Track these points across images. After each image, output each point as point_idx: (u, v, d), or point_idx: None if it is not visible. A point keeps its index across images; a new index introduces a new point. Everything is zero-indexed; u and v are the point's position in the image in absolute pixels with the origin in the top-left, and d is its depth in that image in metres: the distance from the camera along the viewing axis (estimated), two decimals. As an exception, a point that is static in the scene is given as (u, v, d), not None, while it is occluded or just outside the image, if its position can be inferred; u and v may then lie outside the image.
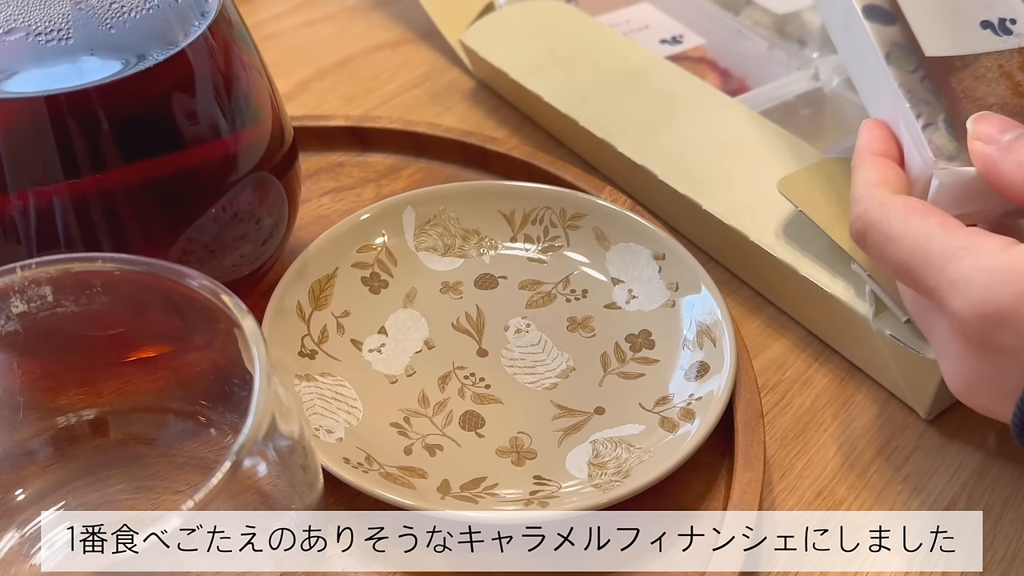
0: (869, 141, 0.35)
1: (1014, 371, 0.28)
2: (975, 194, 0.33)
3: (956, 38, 0.36)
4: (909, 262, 0.30)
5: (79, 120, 0.32)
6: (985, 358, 0.29)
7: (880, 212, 0.32)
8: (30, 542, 0.31)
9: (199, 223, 0.35)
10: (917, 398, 0.39)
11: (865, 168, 0.34)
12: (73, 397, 0.33)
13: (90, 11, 0.32)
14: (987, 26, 0.36)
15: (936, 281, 0.29)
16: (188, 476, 0.33)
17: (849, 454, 0.38)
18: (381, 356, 0.40)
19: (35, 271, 0.28)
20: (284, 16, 0.64)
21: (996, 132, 0.32)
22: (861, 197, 0.33)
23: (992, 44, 0.36)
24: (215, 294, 0.27)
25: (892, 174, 0.34)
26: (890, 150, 0.35)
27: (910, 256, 0.30)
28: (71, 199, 0.33)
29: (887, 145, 0.35)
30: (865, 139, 0.36)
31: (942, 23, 0.36)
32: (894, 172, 0.34)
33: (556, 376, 0.39)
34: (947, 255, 0.29)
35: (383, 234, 0.43)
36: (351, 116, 0.52)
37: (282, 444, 0.25)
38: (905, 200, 0.32)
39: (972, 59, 0.35)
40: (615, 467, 0.35)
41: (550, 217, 0.44)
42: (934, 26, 0.36)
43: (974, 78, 0.35)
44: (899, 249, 0.31)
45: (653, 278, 0.42)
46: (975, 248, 0.29)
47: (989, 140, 0.32)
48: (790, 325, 0.43)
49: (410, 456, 0.36)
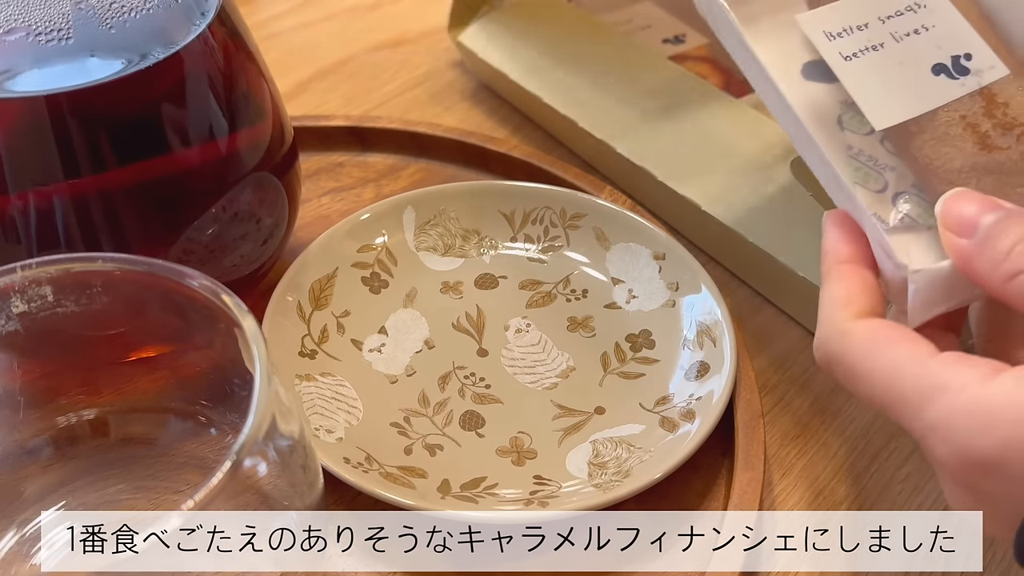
0: (834, 245, 0.32)
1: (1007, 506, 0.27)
2: (956, 287, 0.30)
3: (906, 96, 0.31)
4: (883, 401, 0.28)
5: (79, 120, 0.32)
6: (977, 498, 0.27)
7: (843, 344, 0.29)
8: (30, 542, 0.31)
9: (199, 223, 0.35)
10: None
11: (828, 282, 0.31)
12: (73, 397, 0.33)
13: (90, 11, 0.32)
14: (940, 70, 0.32)
15: (914, 424, 0.27)
16: (188, 476, 0.33)
17: (849, 454, 0.38)
18: (381, 356, 0.40)
19: (35, 271, 0.28)
20: (284, 16, 0.64)
21: (969, 220, 0.29)
22: (823, 321, 0.30)
23: (948, 92, 0.31)
24: (215, 294, 0.27)
25: (858, 287, 0.30)
26: (858, 252, 0.31)
27: (883, 395, 0.28)
28: (71, 199, 0.33)
29: (853, 248, 0.31)
30: (830, 242, 0.32)
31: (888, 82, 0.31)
32: (860, 284, 0.30)
33: (556, 376, 0.39)
34: (922, 395, 0.27)
35: (383, 234, 0.43)
36: (351, 116, 0.52)
37: (282, 444, 0.25)
38: (868, 328, 0.29)
39: (929, 117, 0.31)
40: (615, 467, 0.35)
41: (550, 217, 0.44)
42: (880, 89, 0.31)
43: (935, 140, 0.31)
44: (869, 387, 0.28)
45: (653, 278, 0.42)
46: (950, 386, 0.26)
47: (962, 230, 0.29)
48: (790, 325, 0.43)
49: (410, 456, 0.36)
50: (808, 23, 0.32)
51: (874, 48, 0.32)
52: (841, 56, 0.32)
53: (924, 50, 0.32)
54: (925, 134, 0.31)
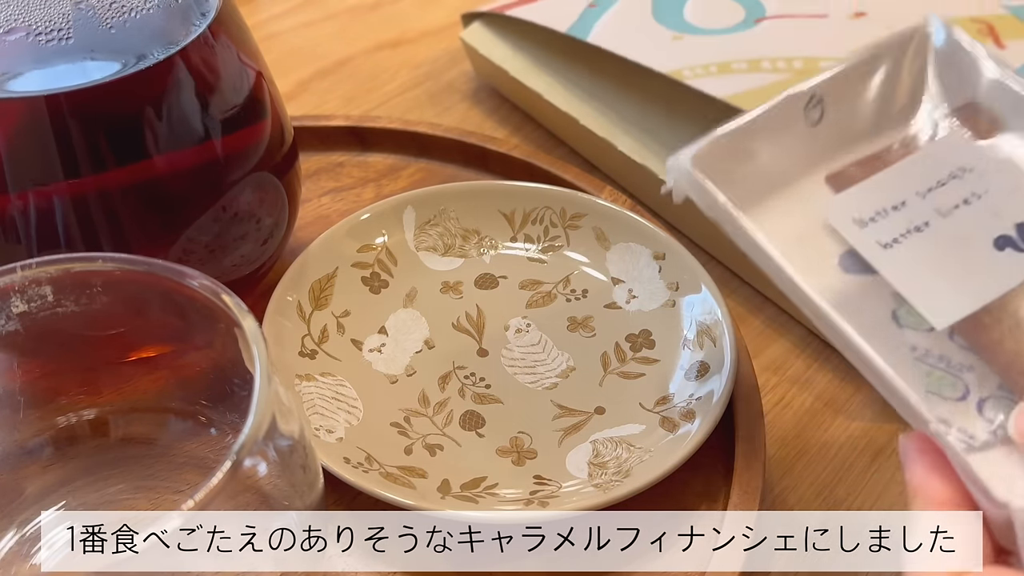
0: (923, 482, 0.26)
1: None
2: None
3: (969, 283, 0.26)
4: None
5: (79, 120, 0.32)
6: None
7: None
8: (30, 542, 0.31)
9: (199, 223, 0.35)
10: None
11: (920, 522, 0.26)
12: (73, 397, 0.33)
13: (90, 11, 0.32)
14: (1004, 243, 0.26)
15: None
16: (188, 476, 0.33)
17: (849, 454, 0.38)
18: (381, 356, 0.40)
19: (35, 271, 0.28)
20: (284, 16, 0.64)
21: None
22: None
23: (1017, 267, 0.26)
24: (215, 294, 0.27)
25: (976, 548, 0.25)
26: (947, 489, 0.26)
27: None
28: (71, 199, 0.33)
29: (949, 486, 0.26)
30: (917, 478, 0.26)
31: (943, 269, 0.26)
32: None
33: (556, 376, 0.39)
34: None
35: (383, 234, 0.43)
36: (351, 116, 0.52)
37: (282, 444, 0.25)
38: None
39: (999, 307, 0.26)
40: (615, 467, 0.35)
41: (550, 217, 0.44)
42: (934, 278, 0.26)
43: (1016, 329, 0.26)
44: None
45: (653, 278, 0.42)
46: None
47: None
48: (790, 325, 0.43)
49: (410, 456, 0.36)
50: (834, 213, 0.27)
51: (917, 229, 0.27)
52: (879, 245, 0.26)
53: (980, 222, 0.27)
54: (1002, 324, 0.26)
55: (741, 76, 0.43)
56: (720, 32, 0.47)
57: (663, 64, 0.45)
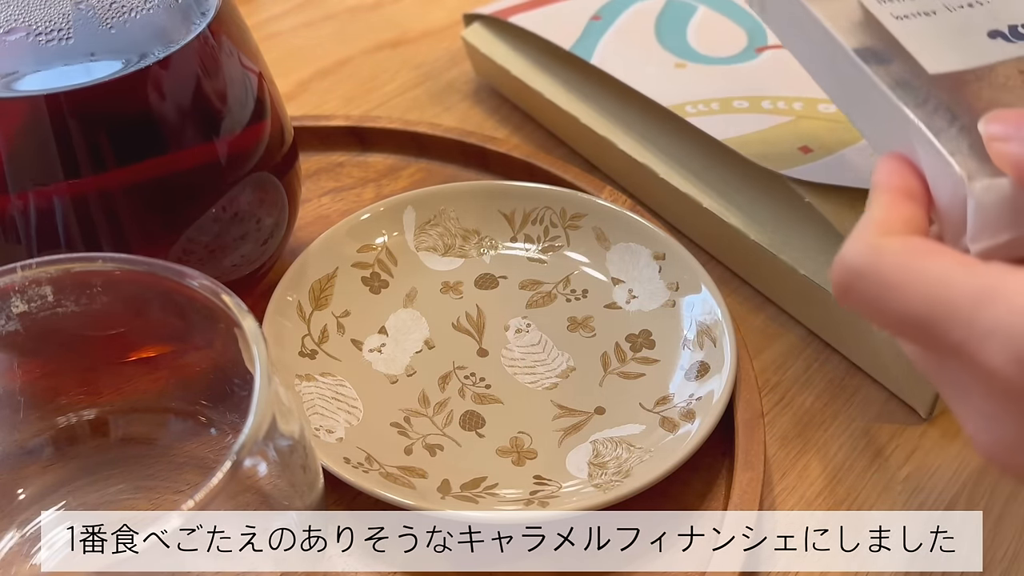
0: (884, 174, 0.29)
1: None
2: (1021, 211, 0.27)
3: (962, 52, 0.31)
4: (923, 314, 0.25)
5: (79, 120, 0.32)
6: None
7: (873, 257, 0.26)
8: (30, 542, 0.31)
9: (199, 223, 0.35)
10: (918, 397, 0.39)
11: (870, 207, 0.28)
12: (73, 397, 0.33)
13: (90, 11, 0.32)
14: (996, 35, 0.31)
15: (966, 333, 0.24)
16: (188, 476, 0.33)
17: (849, 454, 0.38)
18: (381, 356, 0.40)
19: (35, 271, 0.28)
20: (284, 16, 0.64)
21: (1015, 127, 0.27)
22: (849, 239, 0.27)
23: (1006, 52, 0.31)
24: (215, 294, 0.27)
25: (900, 215, 0.27)
26: (909, 183, 0.29)
27: (924, 307, 0.25)
28: (71, 199, 0.33)
29: (905, 178, 0.29)
30: (880, 173, 0.29)
31: (942, 41, 0.31)
32: (905, 211, 0.28)
33: (556, 376, 0.39)
34: (976, 299, 0.24)
35: (383, 234, 0.43)
36: (351, 116, 0.52)
37: (282, 444, 0.25)
38: (904, 240, 0.26)
39: (986, 71, 0.30)
40: (615, 467, 0.35)
41: (550, 217, 0.44)
42: (935, 46, 0.31)
43: (993, 88, 0.30)
44: (906, 298, 0.25)
45: (653, 278, 0.42)
46: (1009, 287, 0.23)
47: (1008, 137, 0.26)
48: (791, 324, 0.43)
49: (410, 456, 0.36)
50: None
51: (926, 14, 0.32)
52: (893, 16, 0.32)
53: (979, 19, 0.32)
54: (983, 82, 0.30)
55: (742, 116, 0.44)
56: (722, 62, 0.48)
57: (666, 97, 0.46)
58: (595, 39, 0.50)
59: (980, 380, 0.25)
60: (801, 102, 0.45)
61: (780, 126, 0.43)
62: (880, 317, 0.26)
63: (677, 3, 0.53)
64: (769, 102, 0.45)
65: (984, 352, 0.24)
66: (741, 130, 0.43)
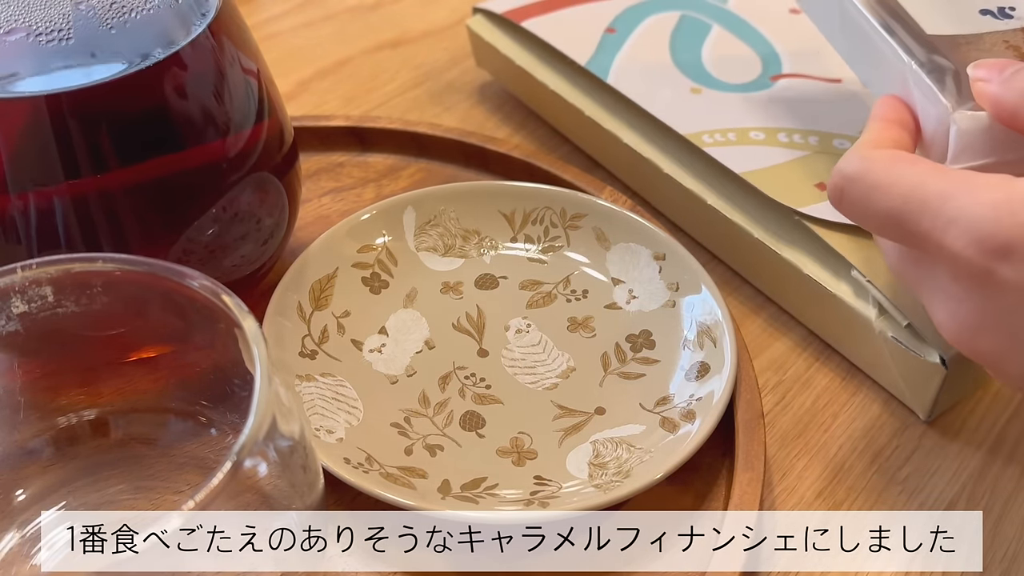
0: (879, 108, 0.34)
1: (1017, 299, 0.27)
2: (997, 141, 0.32)
3: (956, 20, 0.35)
4: (900, 208, 0.29)
5: (79, 120, 0.32)
6: (990, 297, 0.28)
7: (863, 164, 0.30)
8: (30, 542, 0.31)
9: (199, 223, 0.35)
10: (917, 400, 0.39)
11: (864, 132, 0.33)
12: (73, 397, 0.33)
13: (90, 11, 0.32)
14: (986, 13, 0.36)
15: (933, 223, 0.28)
16: (188, 476, 0.33)
17: (850, 454, 0.38)
18: (381, 356, 0.40)
19: (35, 271, 0.28)
20: (284, 16, 0.64)
21: (996, 71, 0.31)
22: (845, 155, 0.32)
23: (994, 26, 0.35)
24: (215, 294, 0.27)
25: (890, 136, 0.32)
26: (901, 115, 0.34)
27: (901, 203, 0.29)
28: (71, 199, 0.33)
29: (898, 111, 0.34)
30: (876, 108, 0.34)
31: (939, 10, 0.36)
32: (894, 134, 0.32)
33: (556, 376, 0.39)
34: (944, 195, 0.28)
35: (383, 234, 0.43)
36: (351, 116, 0.52)
37: (282, 444, 0.25)
38: (890, 151, 0.31)
39: (975, 37, 0.35)
40: (615, 467, 0.35)
41: (550, 217, 0.44)
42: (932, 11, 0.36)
43: (979, 52, 0.34)
44: (887, 197, 0.29)
45: (653, 278, 0.42)
46: (974, 184, 0.27)
47: (989, 79, 0.31)
48: (791, 325, 0.43)
49: (410, 456, 0.36)
50: None
51: None
52: None
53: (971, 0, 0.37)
54: (971, 46, 0.34)
55: (759, 149, 0.45)
56: (738, 89, 0.48)
57: (684, 125, 0.46)
58: (611, 55, 0.50)
59: (945, 265, 0.28)
60: (816, 136, 0.45)
61: (797, 160, 0.44)
62: (867, 216, 0.30)
63: (691, 19, 0.53)
64: (785, 135, 0.45)
65: (947, 237, 0.27)
66: (758, 164, 0.43)
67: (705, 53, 0.51)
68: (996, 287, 0.27)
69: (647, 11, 0.54)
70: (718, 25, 0.53)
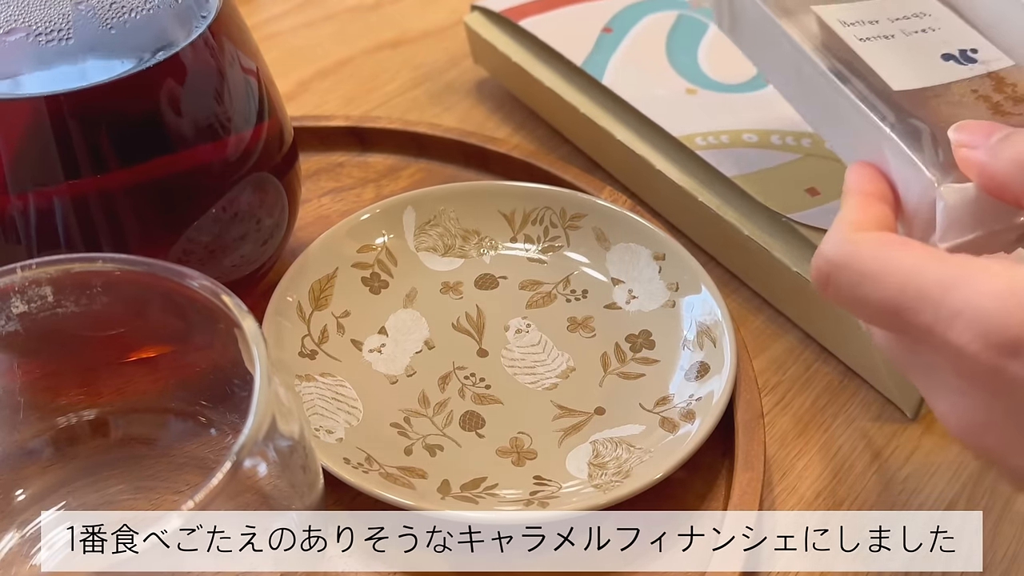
0: (855, 180, 0.32)
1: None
2: (985, 213, 0.29)
3: (920, 72, 0.33)
4: (896, 300, 0.27)
5: (79, 120, 0.32)
6: (998, 395, 0.26)
7: (850, 248, 0.28)
8: (30, 542, 0.31)
9: (199, 223, 0.35)
10: (904, 399, 0.39)
11: (843, 208, 0.31)
12: (73, 397, 0.33)
13: (90, 11, 0.32)
14: (949, 58, 0.34)
15: (935, 315, 0.26)
16: (188, 476, 0.33)
17: (849, 454, 0.38)
18: (381, 356, 0.40)
19: (35, 271, 0.28)
20: (284, 16, 0.64)
21: (981, 136, 0.29)
22: (827, 237, 0.29)
23: (959, 73, 0.34)
24: (215, 294, 0.27)
25: (872, 215, 0.30)
26: (879, 188, 0.31)
27: (897, 293, 0.26)
28: (71, 199, 0.33)
29: (876, 183, 0.31)
30: (851, 179, 0.32)
31: (902, 62, 0.34)
32: (876, 212, 0.30)
33: (556, 376, 0.39)
34: (945, 284, 0.26)
35: (383, 234, 0.43)
36: (351, 116, 0.52)
37: (282, 444, 0.25)
38: (878, 234, 0.28)
39: (943, 89, 0.33)
40: (615, 467, 0.35)
41: (550, 217, 0.44)
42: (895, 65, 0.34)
43: (950, 105, 0.32)
44: (881, 287, 0.27)
45: (653, 278, 0.42)
46: (976, 273, 0.25)
47: (974, 145, 0.29)
48: (790, 325, 0.43)
49: (410, 456, 0.36)
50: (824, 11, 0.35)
51: (886, 37, 0.35)
52: (857, 38, 0.34)
53: (933, 44, 0.35)
54: (940, 99, 0.33)
55: (751, 151, 0.45)
56: (733, 90, 0.48)
57: (677, 127, 0.46)
58: (607, 55, 0.50)
59: (949, 360, 0.26)
60: (809, 139, 0.45)
61: (789, 164, 0.44)
62: (857, 305, 0.28)
63: (688, 19, 0.53)
64: (778, 137, 0.45)
65: (951, 332, 0.25)
66: (750, 167, 0.44)
67: (701, 53, 0.51)
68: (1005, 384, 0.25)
69: (645, 10, 0.54)
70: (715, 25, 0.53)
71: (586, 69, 0.49)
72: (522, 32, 0.53)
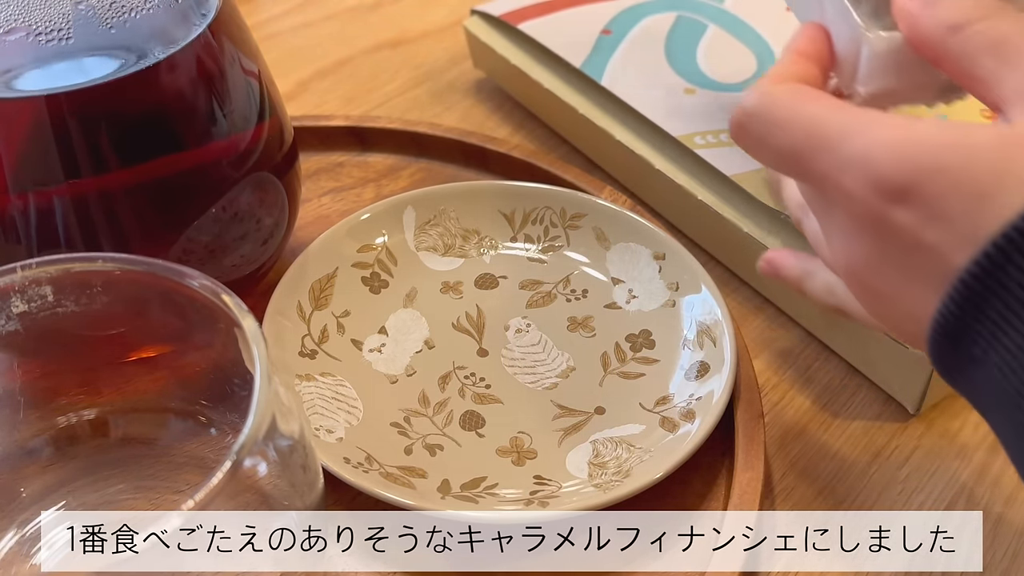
0: (794, 40, 0.33)
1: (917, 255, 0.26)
2: (909, 64, 0.30)
3: None
4: (799, 147, 0.28)
5: (79, 120, 0.32)
6: (884, 239, 0.27)
7: (764, 100, 0.29)
8: (30, 542, 0.31)
9: (199, 223, 0.35)
10: (905, 393, 0.39)
11: (775, 64, 0.31)
12: (73, 397, 0.33)
13: (90, 11, 0.32)
14: None
15: (831, 161, 0.27)
16: (188, 476, 0.33)
17: (849, 454, 0.38)
18: (381, 356, 0.40)
19: (35, 271, 0.28)
20: (284, 16, 0.64)
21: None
22: (749, 88, 0.30)
23: None
24: (215, 294, 0.27)
25: (797, 70, 0.31)
26: (815, 48, 0.32)
27: (802, 141, 0.28)
28: (71, 199, 0.33)
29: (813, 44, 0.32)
30: (792, 39, 0.33)
31: None
32: (801, 68, 0.31)
33: (556, 376, 0.39)
34: (844, 133, 0.27)
35: (383, 234, 0.43)
36: (351, 116, 0.52)
37: (282, 444, 0.25)
38: (793, 86, 0.29)
39: None
40: (615, 467, 0.35)
41: (550, 217, 0.44)
42: None
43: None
44: (787, 134, 0.28)
45: (653, 278, 0.42)
46: (875, 123, 0.26)
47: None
48: (790, 325, 0.43)
49: (410, 456, 0.36)
50: None
51: None
52: None
53: None
54: None
55: None
56: (732, 88, 0.48)
57: (675, 126, 0.46)
58: (606, 56, 0.50)
59: (841, 204, 0.27)
60: None
61: None
62: (765, 152, 0.30)
63: (687, 19, 0.53)
64: None
65: (845, 176, 0.27)
66: (750, 165, 0.43)
67: (700, 53, 0.51)
68: (889, 229, 0.26)
69: (644, 12, 0.54)
70: (714, 25, 0.53)
71: (585, 71, 0.49)
72: (521, 36, 0.53)
